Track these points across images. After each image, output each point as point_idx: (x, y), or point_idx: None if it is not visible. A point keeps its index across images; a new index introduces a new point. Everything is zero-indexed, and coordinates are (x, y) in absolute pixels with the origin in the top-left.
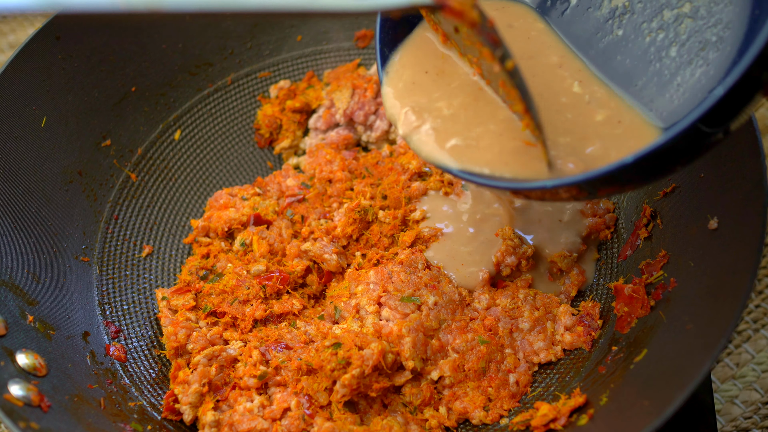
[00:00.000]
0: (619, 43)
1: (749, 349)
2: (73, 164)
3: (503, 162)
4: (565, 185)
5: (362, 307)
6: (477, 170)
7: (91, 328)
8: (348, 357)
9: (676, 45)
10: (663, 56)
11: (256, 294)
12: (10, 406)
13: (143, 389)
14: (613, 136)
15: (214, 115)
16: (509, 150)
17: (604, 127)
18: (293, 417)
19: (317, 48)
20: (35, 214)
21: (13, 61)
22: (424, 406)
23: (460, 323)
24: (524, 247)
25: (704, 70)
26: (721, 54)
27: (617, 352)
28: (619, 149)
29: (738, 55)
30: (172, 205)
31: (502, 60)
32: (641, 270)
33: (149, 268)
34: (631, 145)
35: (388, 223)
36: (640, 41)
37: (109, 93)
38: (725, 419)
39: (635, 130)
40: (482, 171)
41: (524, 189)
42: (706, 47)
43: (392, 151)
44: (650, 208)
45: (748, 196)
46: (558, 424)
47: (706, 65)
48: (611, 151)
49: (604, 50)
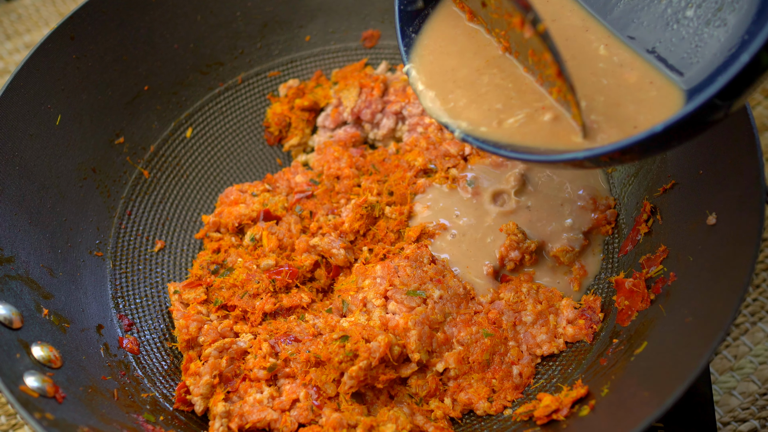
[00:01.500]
0: (636, 6)
1: (747, 341)
2: (87, 161)
3: (537, 135)
4: (604, 153)
5: (369, 301)
6: (514, 145)
7: (105, 321)
8: (355, 349)
9: (693, 6)
10: (680, 18)
11: (265, 288)
12: (25, 397)
13: (155, 381)
14: (646, 100)
15: (225, 114)
16: (542, 123)
17: (636, 89)
18: (302, 408)
19: (325, 48)
20: (50, 210)
21: (28, 60)
22: (430, 397)
23: (465, 316)
24: (527, 242)
25: (723, 30)
26: (738, 14)
27: (618, 344)
28: (651, 112)
29: (757, 15)
30: (183, 201)
31: (534, 24)
32: (641, 264)
33: (161, 263)
34: (663, 107)
35: (394, 218)
36: (656, 3)
37: (122, 92)
38: (723, 410)
39: (665, 92)
40: (518, 145)
41: (559, 161)
42: (723, 7)
43: (398, 149)
44: (650, 204)
45: (746, 193)
46: (560, 415)
47: (723, 25)
48: (644, 114)
49: (622, 14)
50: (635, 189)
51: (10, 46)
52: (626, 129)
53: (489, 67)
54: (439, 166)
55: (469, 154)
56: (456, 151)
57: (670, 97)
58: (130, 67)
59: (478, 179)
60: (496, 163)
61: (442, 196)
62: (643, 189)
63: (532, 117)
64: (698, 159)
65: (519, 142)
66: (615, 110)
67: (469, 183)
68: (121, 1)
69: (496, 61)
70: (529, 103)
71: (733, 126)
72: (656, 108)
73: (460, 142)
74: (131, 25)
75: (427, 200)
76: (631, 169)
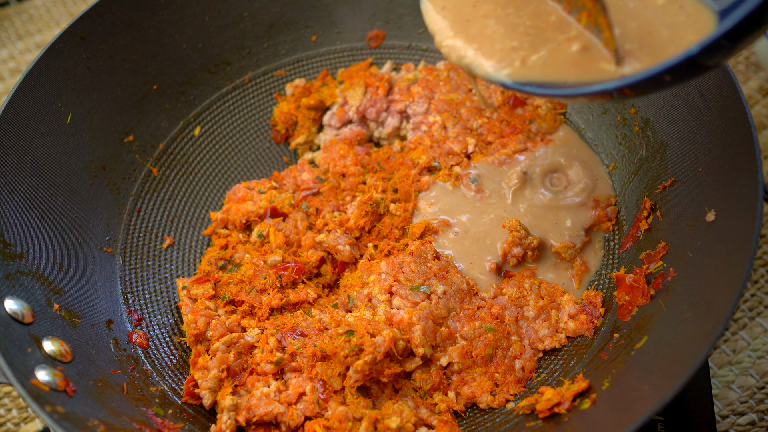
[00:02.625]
0: None
1: (745, 336)
2: (97, 159)
3: (565, 68)
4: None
5: (374, 296)
6: (540, 80)
7: (115, 316)
8: (361, 344)
9: None
10: None
11: (272, 283)
12: (37, 391)
13: (164, 375)
14: (676, 24)
15: (233, 112)
16: (570, 54)
17: (666, 13)
18: (308, 401)
19: (331, 48)
20: (61, 207)
21: (39, 60)
22: (434, 390)
23: (468, 311)
24: (530, 239)
25: None
26: None
27: (619, 339)
28: (684, 36)
29: None
30: (192, 198)
31: None
32: (642, 260)
33: (170, 259)
34: (697, 29)
35: (398, 215)
36: None
37: (131, 91)
38: (722, 403)
39: (695, 14)
40: (546, 80)
41: (592, 93)
42: None
43: (403, 147)
44: (650, 201)
45: (744, 191)
46: (562, 408)
47: None
48: (678, 38)
49: None
50: (636, 186)
51: (21, 45)
52: (660, 55)
53: (506, 6)
54: (442, 163)
55: (472, 152)
56: (459, 149)
57: (702, 19)
58: (139, 67)
59: (481, 177)
60: (499, 160)
61: (445, 193)
62: (644, 186)
63: (558, 50)
64: (698, 157)
65: (546, 77)
66: (649, 36)
67: (472, 180)
68: (130, 2)
69: (512, 1)
70: (551, 38)
71: (732, 125)
72: (689, 31)
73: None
74: (141, 26)
75: (430, 197)
76: (631, 167)
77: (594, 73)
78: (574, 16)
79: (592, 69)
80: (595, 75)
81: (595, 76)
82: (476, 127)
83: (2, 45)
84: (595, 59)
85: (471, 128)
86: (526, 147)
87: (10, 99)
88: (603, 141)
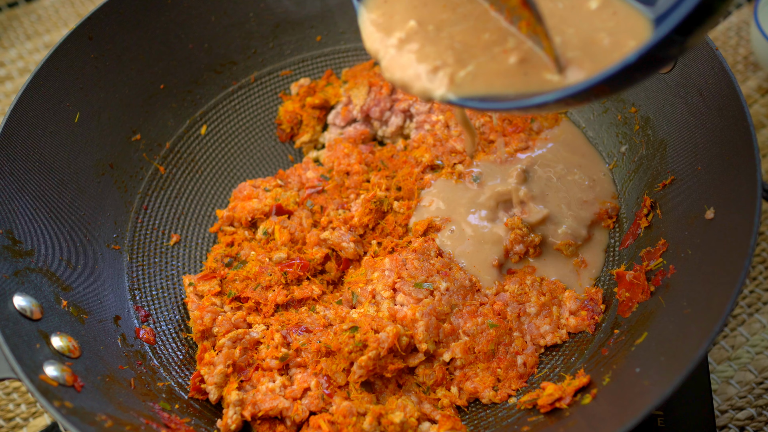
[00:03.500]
0: None
1: (744, 332)
2: (104, 157)
3: (505, 81)
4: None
5: (378, 293)
6: (478, 94)
7: (122, 313)
8: (365, 340)
9: None
10: None
11: (277, 280)
12: (45, 386)
13: (171, 370)
14: (613, 29)
15: (238, 111)
16: (508, 66)
17: (601, 19)
18: (313, 396)
19: (335, 48)
20: (69, 205)
21: (48, 60)
22: (437, 386)
23: (471, 308)
24: (531, 236)
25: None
26: None
27: (619, 335)
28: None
29: None
30: (198, 196)
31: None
32: (642, 257)
33: (177, 256)
34: (631, 37)
35: (402, 213)
36: None
37: (138, 90)
38: (721, 398)
39: (631, 20)
40: (484, 94)
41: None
42: None
43: (406, 145)
44: (650, 199)
45: (743, 188)
46: (563, 403)
47: None
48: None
49: None
50: (636, 184)
51: (30, 45)
52: (603, 62)
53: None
54: (445, 162)
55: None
56: (462, 147)
57: (637, 26)
58: (146, 67)
59: (483, 175)
60: (501, 159)
61: (448, 191)
62: (644, 184)
63: (492, 63)
64: (697, 156)
65: (485, 91)
66: (590, 44)
67: (474, 179)
68: (137, 3)
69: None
70: (482, 53)
71: (731, 124)
72: (624, 37)
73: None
74: (148, 26)
75: (433, 195)
76: (632, 165)
77: (537, 84)
78: (515, 25)
79: (534, 80)
80: (538, 86)
81: (538, 87)
82: (478, 125)
83: (11, 45)
84: (537, 69)
85: None
86: (527, 145)
87: (19, 98)
88: (604, 139)
